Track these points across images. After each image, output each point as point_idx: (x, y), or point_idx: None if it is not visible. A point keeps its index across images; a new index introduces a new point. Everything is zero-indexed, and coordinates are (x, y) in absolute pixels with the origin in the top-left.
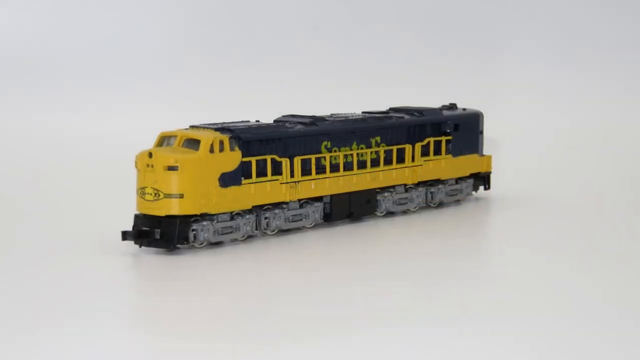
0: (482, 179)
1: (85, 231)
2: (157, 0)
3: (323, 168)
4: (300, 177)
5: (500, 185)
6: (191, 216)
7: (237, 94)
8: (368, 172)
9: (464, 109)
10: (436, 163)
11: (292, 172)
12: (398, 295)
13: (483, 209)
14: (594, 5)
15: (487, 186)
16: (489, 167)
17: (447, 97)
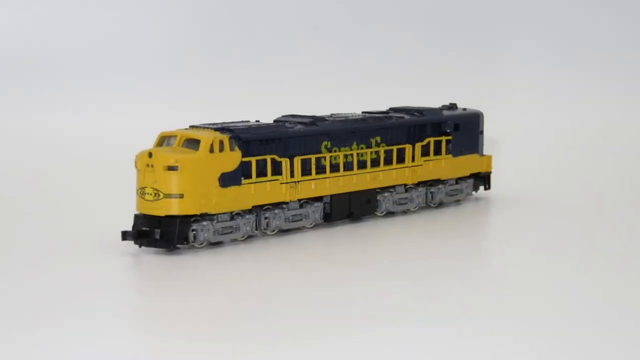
0: (482, 179)
1: (85, 231)
2: (157, 0)
3: (323, 168)
4: (300, 177)
5: (500, 185)
6: (191, 216)
7: (237, 94)
8: (368, 172)
9: (464, 109)
10: (436, 163)
11: (292, 172)
12: (398, 295)
13: (483, 209)
14: (594, 5)
15: (487, 186)
16: (489, 167)
17: (447, 97)
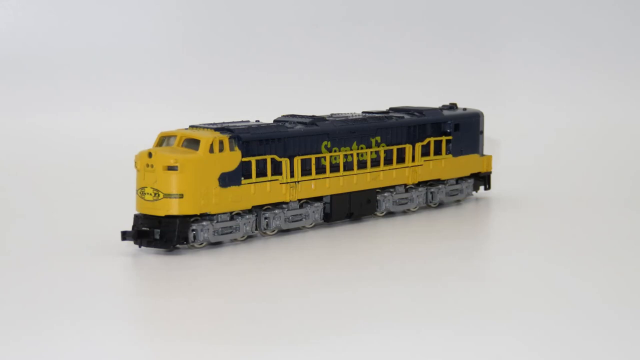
0: (483, 179)
1: (84, 231)
2: (157, 0)
3: (323, 168)
4: (300, 177)
5: (500, 185)
6: (191, 216)
7: (237, 94)
8: (368, 172)
9: (465, 109)
10: (436, 163)
11: (292, 172)
12: (398, 295)
13: (483, 209)
14: (595, 5)
15: (488, 186)
16: (489, 167)
17: (448, 97)
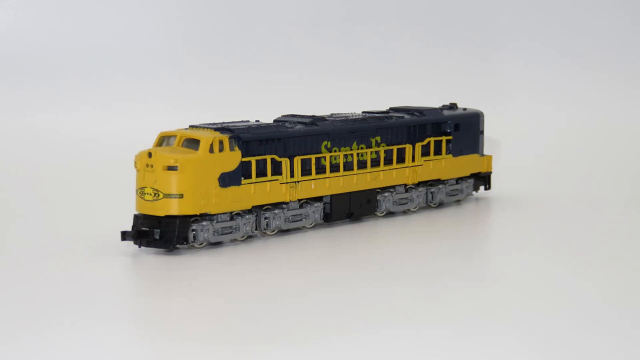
0: (483, 179)
1: (84, 231)
2: (157, 0)
3: (323, 168)
4: (300, 177)
5: (500, 185)
6: (191, 216)
7: (237, 94)
8: (368, 172)
9: (465, 109)
10: (436, 163)
11: (292, 172)
12: (398, 295)
13: (483, 209)
14: (595, 5)
15: (488, 186)
16: (490, 167)
17: (448, 97)
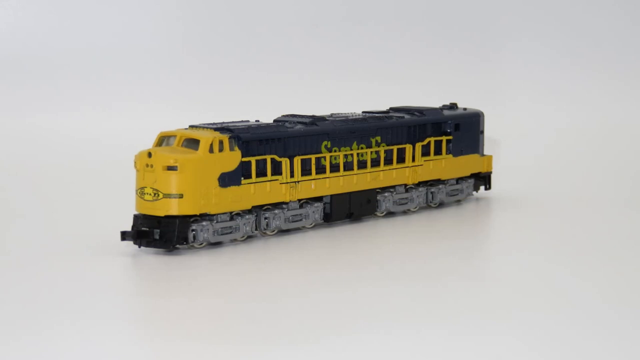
0: (483, 179)
1: (84, 231)
2: (157, 0)
3: (323, 168)
4: (300, 177)
5: (500, 185)
6: (190, 216)
7: (237, 94)
8: (368, 172)
9: (465, 109)
10: (437, 163)
11: (292, 172)
12: (398, 295)
13: (484, 209)
14: (595, 5)
15: (488, 186)
16: (490, 167)
17: (448, 97)
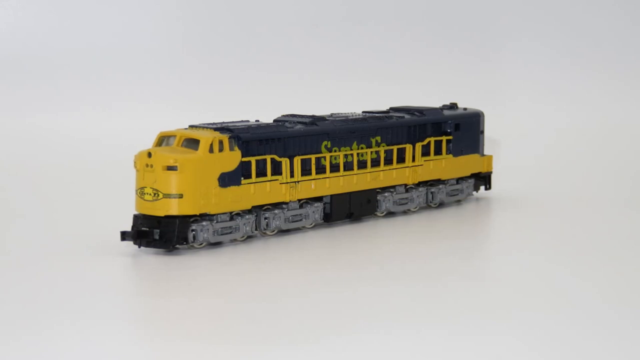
0: (483, 179)
1: (84, 231)
2: (157, 0)
3: (323, 168)
4: (300, 177)
5: (500, 185)
6: (190, 216)
7: (237, 94)
8: (368, 172)
9: (465, 109)
10: (437, 163)
11: (292, 172)
12: (398, 295)
13: (484, 209)
14: (595, 5)
15: (488, 186)
16: (490, 167)
17: (448, 97)
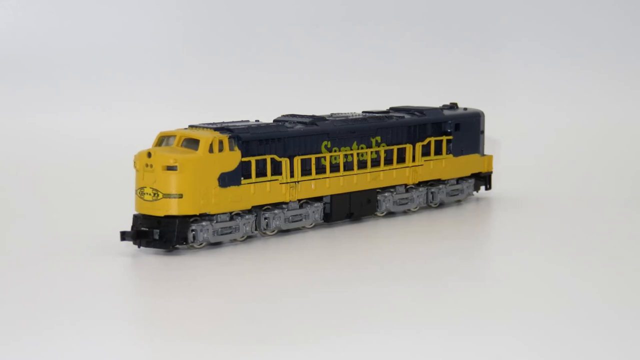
0: (483, 179)
1: (84, 231)
2: (157, 0)
3: (323, 168)
4: (300, 177)
5: (501, 185)
6: (190, 216)
7: (237, 94)
8: (368, 172)
9: (465, 109)
10: (437, 163)
11: (292, 172)
12: (398, 295)
13: (484, 209)
14: (595, 5)
15: (488, 186)
16: (490, 167)
17: (448, 97)
